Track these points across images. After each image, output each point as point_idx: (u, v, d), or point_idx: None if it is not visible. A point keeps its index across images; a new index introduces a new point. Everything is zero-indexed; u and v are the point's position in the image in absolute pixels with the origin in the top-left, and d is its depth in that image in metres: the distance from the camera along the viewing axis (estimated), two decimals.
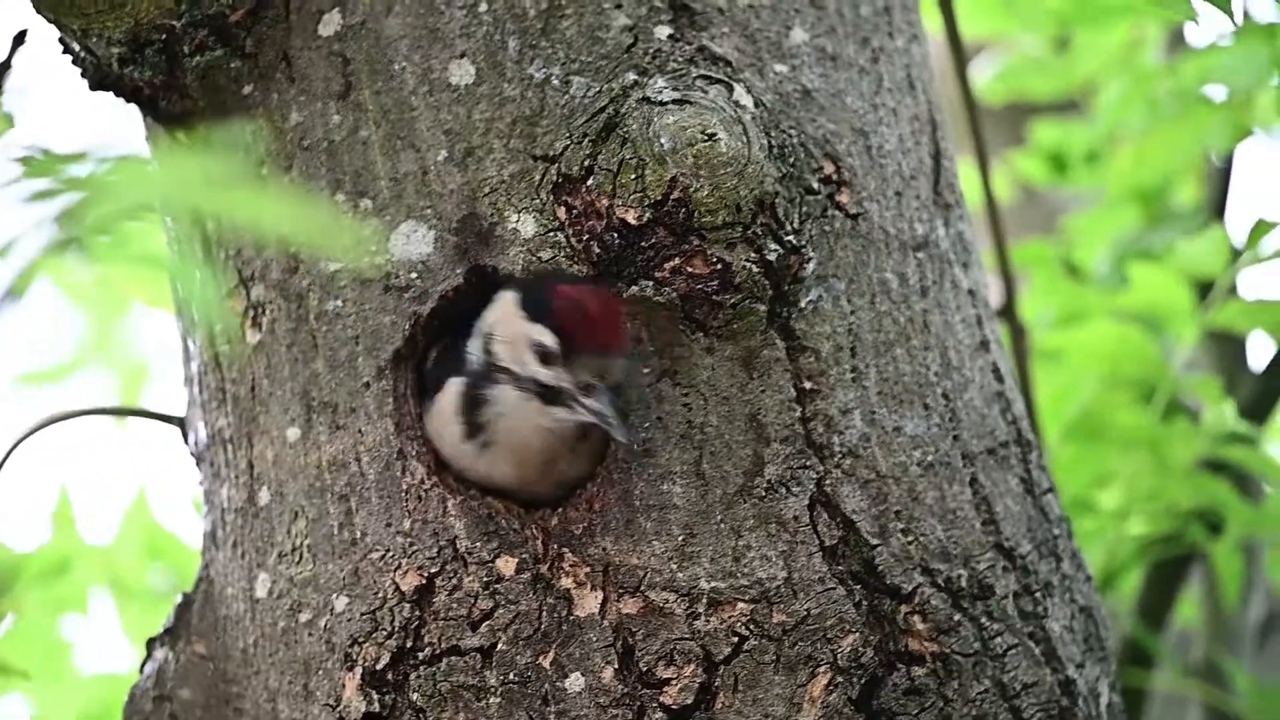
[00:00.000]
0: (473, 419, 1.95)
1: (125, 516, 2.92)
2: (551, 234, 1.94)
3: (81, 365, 3.95)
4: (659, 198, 1.91)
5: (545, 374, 1.90)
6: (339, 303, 1.98)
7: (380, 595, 1.95)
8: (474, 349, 1.94)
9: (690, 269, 1.91)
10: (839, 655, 1.92)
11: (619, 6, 1.98)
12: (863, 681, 1.93)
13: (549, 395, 1.91)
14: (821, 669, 1.92)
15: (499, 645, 1.92)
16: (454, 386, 1.95)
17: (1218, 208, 2.91)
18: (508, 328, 1.92)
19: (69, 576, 2.80)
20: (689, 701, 1.91)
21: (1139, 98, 2.83)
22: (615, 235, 1.92)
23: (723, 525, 1.93)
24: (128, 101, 2.06)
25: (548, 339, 1.89)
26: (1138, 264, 2.63)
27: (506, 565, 1.93)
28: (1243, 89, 2.63)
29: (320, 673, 1.97)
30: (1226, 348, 2.97)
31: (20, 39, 2.09)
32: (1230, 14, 1.97)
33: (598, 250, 1.92)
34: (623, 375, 1.90)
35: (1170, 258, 2.67)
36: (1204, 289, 2.66)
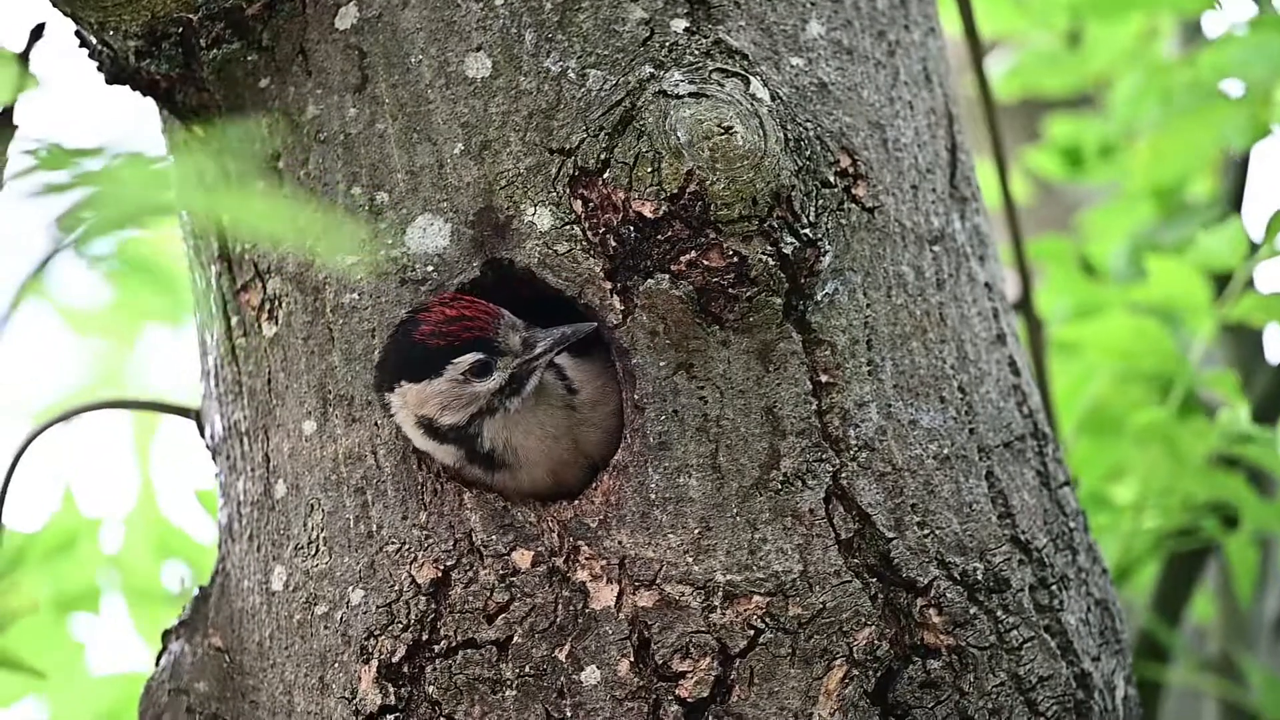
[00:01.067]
0: (490, 463, 1.96)
1: (132, 511, 2.92)
2: (568, 227, 1.94)
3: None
4: (675, 191, 1.90)
5: (496, 377, 1.92)
6: (355, 295, 1.99)
7: (396, 588, 1.95)
8: (440, 451, 1.95)
9: (706, 262, 1.91)
10: (855, 648, 1.92)
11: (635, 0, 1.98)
12: (878, 674, 1.93)
13: (512, 386, 1.93)
14: (837, 662, 1.92)
15: (515, 638, 1.92)
16: (457, 461, 1.95)
17: (1234, 200, 2.90)
18: (430, 400, 1.92)
19: (75, 556, 2.79)
20: (705, 694, 1.91)
21: (1153, 90, 2.82)
22: (631, 228, 1.92)
23: (738, 518, 1.93)
24: (144, 95, 2.07)
25: (466, 357, 1.91)
26: (1154, 257, 2.62)
27: (522, 558, 1.93)
28: (1258, 81, 2.62)
29: (336, 665, 1.97)
30: (1243, 340, 2.96)
31: (38, 32, 2.10)
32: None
33: (614, 243, 1.92)
34: (522, 324, 1.93)
35: (1187, 251, 2.66)
36: (1220, 282, 2.65)
